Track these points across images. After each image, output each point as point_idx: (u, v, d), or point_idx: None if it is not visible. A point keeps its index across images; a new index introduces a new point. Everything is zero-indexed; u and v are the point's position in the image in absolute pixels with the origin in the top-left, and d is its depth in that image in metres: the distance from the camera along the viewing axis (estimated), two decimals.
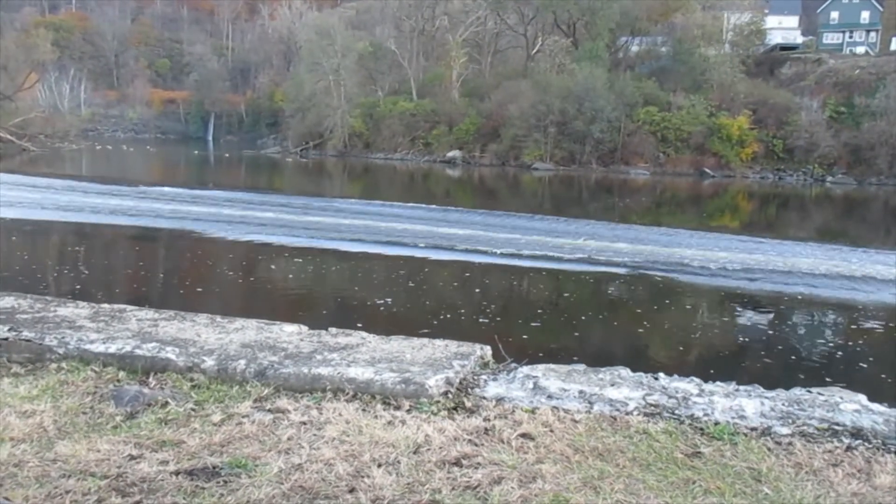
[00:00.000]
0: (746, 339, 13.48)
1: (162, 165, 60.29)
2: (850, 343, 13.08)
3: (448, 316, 13.76)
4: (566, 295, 16.86)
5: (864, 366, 11.52)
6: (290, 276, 17.68)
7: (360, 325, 9.01)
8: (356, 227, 24.33)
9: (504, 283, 17.74)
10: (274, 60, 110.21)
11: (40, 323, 5.06)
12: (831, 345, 13.12)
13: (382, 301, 14.87)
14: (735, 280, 17.84)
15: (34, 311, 5.39)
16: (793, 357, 12.11)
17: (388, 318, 13.46)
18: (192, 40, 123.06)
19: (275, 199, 32.11)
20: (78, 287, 15.33)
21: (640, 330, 13.53)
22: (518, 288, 17.57)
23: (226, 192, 34.85)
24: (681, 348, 12.61)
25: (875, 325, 14.16)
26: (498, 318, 13.78)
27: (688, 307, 15.76)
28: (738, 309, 15.69)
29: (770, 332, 13.90)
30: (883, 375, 11.12)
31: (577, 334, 13.19)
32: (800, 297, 16.41)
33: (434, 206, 31.58)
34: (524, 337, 12.48)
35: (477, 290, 16.64)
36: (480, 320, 13.36)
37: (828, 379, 9.89)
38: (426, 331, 11.22)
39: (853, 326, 14.23)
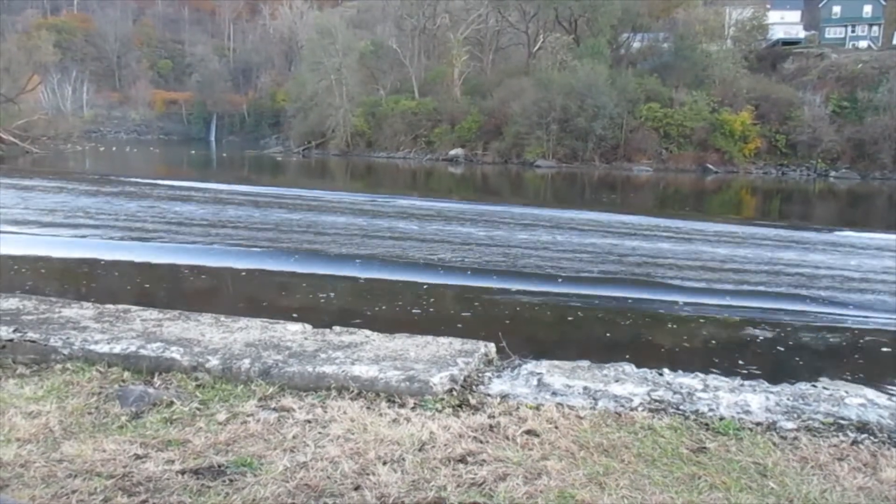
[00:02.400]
0: None
1: (175, 164, 60.23)
2: None
3: None
4: None
5: None
6: None
7: None
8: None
9: None
10: (275, 60, 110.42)
11: (45, 324, 5.07)
12: None
13: None
14: None
15: (39, 312, 5.40)
16: None
17: None
18: (193, 41, 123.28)
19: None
20: None
21: None
22: None
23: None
24: None
25: None
26: None
27: None
28: None
29: None
30: None
31: None
32: None
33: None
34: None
35: None
36: None
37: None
38: None
39: None
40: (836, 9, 74.85)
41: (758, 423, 3.85)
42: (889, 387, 8.32)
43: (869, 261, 18.16)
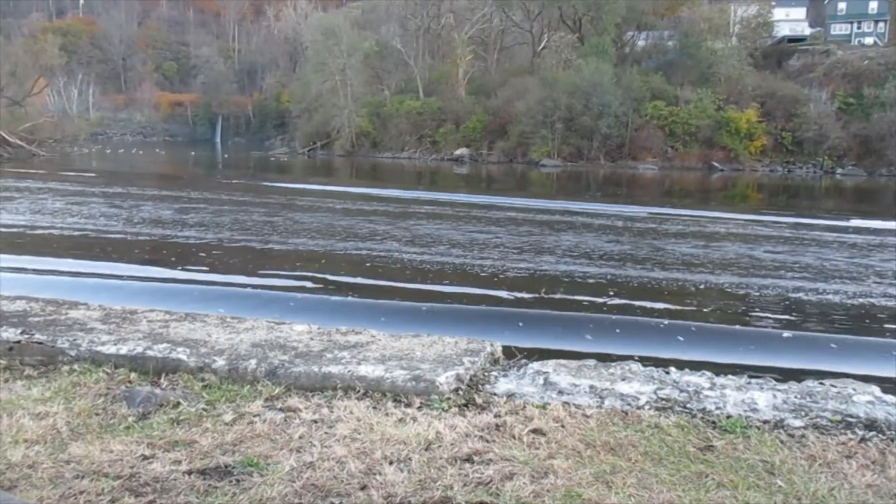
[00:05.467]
0: None
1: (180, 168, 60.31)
2: None
3: None
4: None
5: None
6: None
7: None
8: None
9: None
10: (280, 61, 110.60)
11: (52, 325, 5.09)
12: None
13: None
14: None
15: (46, 313, 5.42)
16: None
17: None
18: (198, 43, 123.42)
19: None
20: None
21: None
22: None
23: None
24: None
25: None
26: None
27: None
28: None
29: None
30: None
31: None
32: None
33: None
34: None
35: None
36: None
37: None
38: None
39: None
40: (842, 5, 74.54)
41: (765, 421, 3.83)
42: None
43: None
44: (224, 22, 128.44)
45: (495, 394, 4.22)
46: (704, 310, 12.52)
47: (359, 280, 14.21)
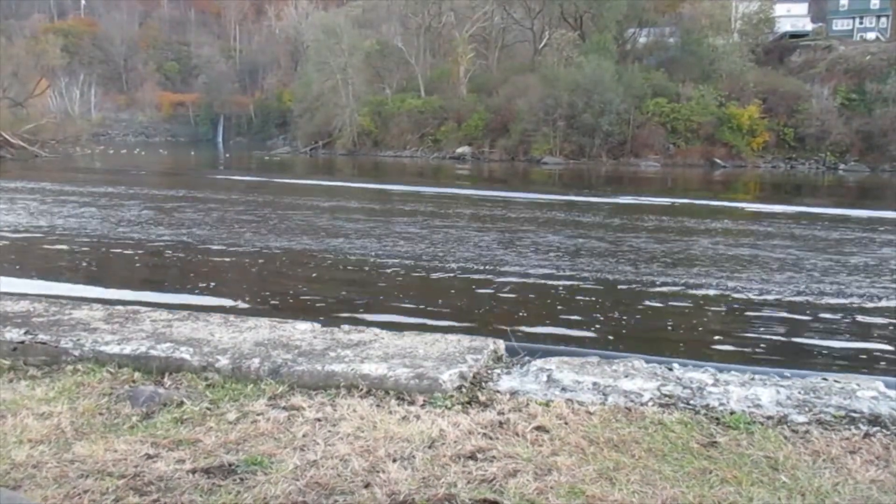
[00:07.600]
0: None
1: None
2: None
3: None
4: None
5: None
6: None
7: None
8: None
9: None
10: (281, 61, 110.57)
11: (55, 326, 5.10)
12: None
13: None
14: None
15: (49, 314, 5.43)
16: None
17: None
18: (199, 43, 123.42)
19: None
20: None
21: None
22: None
23: None
24: None
25: None
26: None
27: None
28: None
29: None
30: None
31: None
32: None
33: None
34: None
35: None
36: None
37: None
38: None
39: None
40: (844, 0, 74.41)
41: (769, 417, 3.83)
42: None
43: None
44: (225, 22, 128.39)
45: (498, 391, 4.22)
46: None
47: None
